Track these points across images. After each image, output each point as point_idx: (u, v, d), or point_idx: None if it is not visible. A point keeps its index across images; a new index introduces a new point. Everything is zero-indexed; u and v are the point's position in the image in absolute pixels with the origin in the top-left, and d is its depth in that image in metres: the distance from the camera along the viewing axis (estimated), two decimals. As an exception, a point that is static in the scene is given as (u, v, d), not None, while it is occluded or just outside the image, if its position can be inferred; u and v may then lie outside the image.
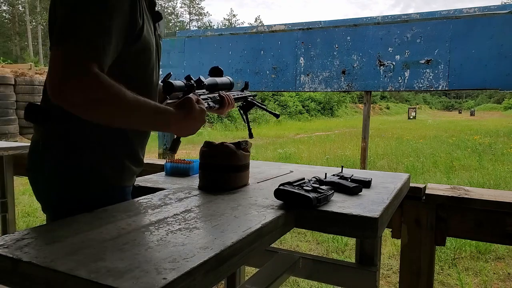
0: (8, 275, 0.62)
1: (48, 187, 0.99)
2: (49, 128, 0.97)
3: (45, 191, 1.01)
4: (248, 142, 1.17)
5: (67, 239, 0.69)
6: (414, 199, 1.40)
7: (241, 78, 4.49)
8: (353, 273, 1.37)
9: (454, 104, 55.37)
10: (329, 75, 4.17)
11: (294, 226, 0.94)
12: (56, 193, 0.98)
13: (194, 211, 0.89)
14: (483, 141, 10.99)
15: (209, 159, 1.11)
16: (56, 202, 1.00)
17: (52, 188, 0.99)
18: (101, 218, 0.82)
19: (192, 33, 5.53)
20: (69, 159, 0.96)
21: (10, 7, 39.08)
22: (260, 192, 1.08)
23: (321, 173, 1.15)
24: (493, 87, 3.61)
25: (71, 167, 0.96)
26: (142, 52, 0.96)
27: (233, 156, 1.10)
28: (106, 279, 0.53)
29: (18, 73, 11.03)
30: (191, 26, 55.06)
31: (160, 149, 7.01)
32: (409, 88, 3.91)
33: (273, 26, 4.59)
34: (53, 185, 0.98)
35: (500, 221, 1.31)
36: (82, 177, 0.97)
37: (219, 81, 1.26)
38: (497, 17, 3.47)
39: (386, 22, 3.96)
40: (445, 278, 2.90)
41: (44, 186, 1.00)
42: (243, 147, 1.13)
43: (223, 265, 0.65)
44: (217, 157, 1.10)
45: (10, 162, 2.45)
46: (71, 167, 0.96)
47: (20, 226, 3.80)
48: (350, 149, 9.95)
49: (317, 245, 3.59)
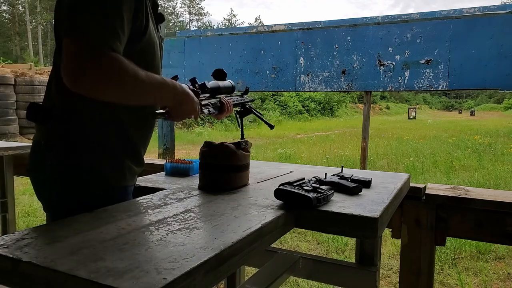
0: (8, 275, 0.62)
1: (49, 187, 1.00)
2: (50, 127, 0.98)
3: (46, 190, 1.01)
4: (248, 142, 1.17)
5: (67, 239, 0.69)
6: (414, 199, 1.40)
7: (241, 78, 4.50)
8: (353, 273, 1.37)
9: (454, 104, 55.37)
10: (329, 75, 4.17)
11: (294, 226, 0.94)
12: (57, 193, 0.99)
13: (194, 211, 0.89)
14: (483, 141, 10.99)
15: (209, 159, 1.11)
16: (56, 202, 1.00)
17: (53, 188, 0.99)
18: (101, 218, 0.82)
19: (192, 33, 5.53)
20: (69, 159, 0.97)
21: (10, 7, 39.08)
22: (260, 192, 1.08)
23: (321, 173, 1.15)
24: (493, 87, 3.61)
25: (72, 167, 0.97)
26: (147, 50, 0.97)
27: (233, 156, 1.10)
28: (106, 279, 0.53)
29: (18, 73, 11.03)
30: (191, 26, 55.07)
31: (160, 149, 7.02)
32: (409, 88, 3.92)
33: (273, 26, 4.59)
34: (53, 185, 0.98)
35: (500, 221, 1.31)
36: (82, 177, 0.97)
37: (222, 85, 1.28)
38: (497, 17, 3.48)
39: (386, 22, 3.96)
40: (445, 278, 2.90)
41: (45, 185, 1.01)
42: (243, 147, 1.13)
43: (223, 265, 0.65)
44: (217, 157, 1.10)
45: (10, 162, 2.45)
46: (71, 167, 0.97)
47: (20, 226, 3.80)
48: (350, 149, 9.95)
49: (317, 245, 3.59)
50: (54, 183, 0.98)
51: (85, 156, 0.97)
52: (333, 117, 25.84)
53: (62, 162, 0.96)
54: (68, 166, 0.96)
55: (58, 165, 0.97)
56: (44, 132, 0.99)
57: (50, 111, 0.96)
